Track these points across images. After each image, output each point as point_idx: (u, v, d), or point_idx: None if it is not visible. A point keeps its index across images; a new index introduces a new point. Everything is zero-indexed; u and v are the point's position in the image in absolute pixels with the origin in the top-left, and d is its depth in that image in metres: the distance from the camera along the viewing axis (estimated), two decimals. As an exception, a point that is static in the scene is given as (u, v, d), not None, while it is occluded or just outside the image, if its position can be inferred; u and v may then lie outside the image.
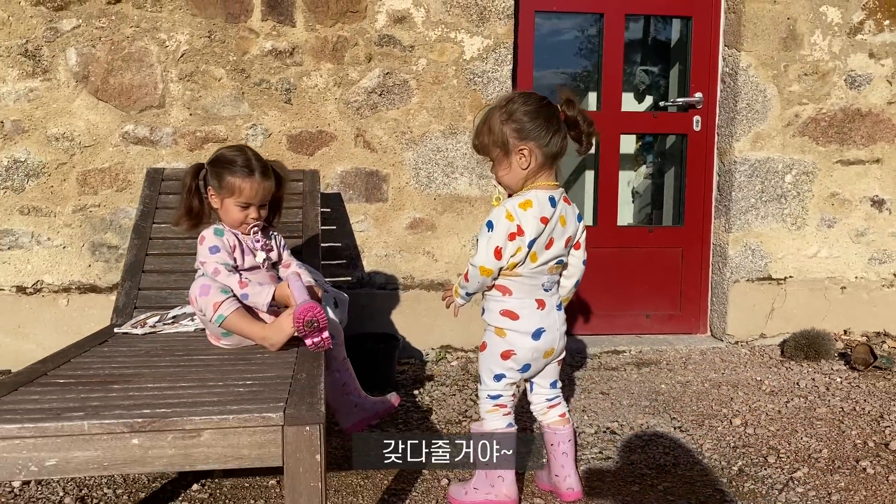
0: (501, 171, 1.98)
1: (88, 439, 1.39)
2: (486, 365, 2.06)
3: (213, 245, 2.17)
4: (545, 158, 1.94)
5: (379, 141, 3.65)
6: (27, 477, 1.37)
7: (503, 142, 1.94)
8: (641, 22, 5.20)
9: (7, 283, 3.45)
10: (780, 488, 2.16)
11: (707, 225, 4.13)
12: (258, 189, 2.16)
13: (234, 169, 2.15)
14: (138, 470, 1.41)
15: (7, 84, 3.37)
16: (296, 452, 1.44)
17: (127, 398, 1.60)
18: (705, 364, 3.61)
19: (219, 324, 2.07)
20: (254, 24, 3.52)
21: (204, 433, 1.42)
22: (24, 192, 3.43)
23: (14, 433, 1.36)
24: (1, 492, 2.12)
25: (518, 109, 1.93)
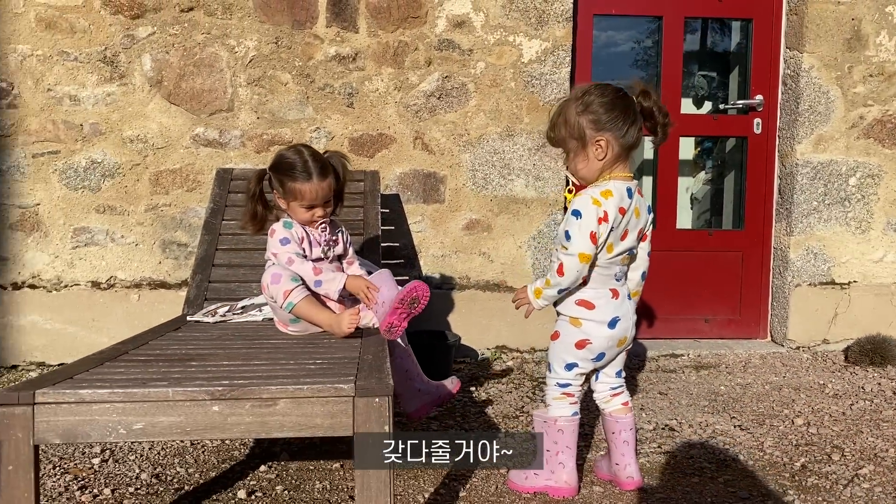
0: (579, 164, 1.99)
1: (172, 405, 1.47)
2: (558, 354, 2.07)
3: (283, 237, 2.25)
4: (621, 150, 1.95)
5: (437, 143, 3.72)
6: (117, 439, 1.46)
7: (580, 133, 1.94)
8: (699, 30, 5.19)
9: (83, 278, 3.61)
10: (845, 484, 2.13)
11: (768, 228, 4.08)
12: (318, 190, 2.23)
13: (293, 174, 2.22)
14: (218, 436, 1.49)
15: (87, 89, 3.55)
16: (366, 422, 1.50)
17: (205, 372, 1.68)
18: (765, 368, 3.56)
19: (289, 310, 2.15)
20: (319, 31, 3.63)
21: (279, 402, 1.49)
22: (100, 192, 3.60)
23: (105, 397, 1.45)
24: (82, 467, 2.23)
25: (595, 101, 1.94)
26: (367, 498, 1.50)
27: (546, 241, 3.78)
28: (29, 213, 3.57)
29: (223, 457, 2.34)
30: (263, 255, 3.00)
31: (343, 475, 2.20)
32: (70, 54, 3.53)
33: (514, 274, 3.78)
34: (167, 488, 2.10)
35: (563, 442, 2.05)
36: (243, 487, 2.09)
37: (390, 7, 3.63)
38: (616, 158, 1.96)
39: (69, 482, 2.12)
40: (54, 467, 2.23)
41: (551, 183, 3.77)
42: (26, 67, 3.51)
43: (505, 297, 3.79)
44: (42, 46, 3.51)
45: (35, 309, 3.58)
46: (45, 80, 3.53)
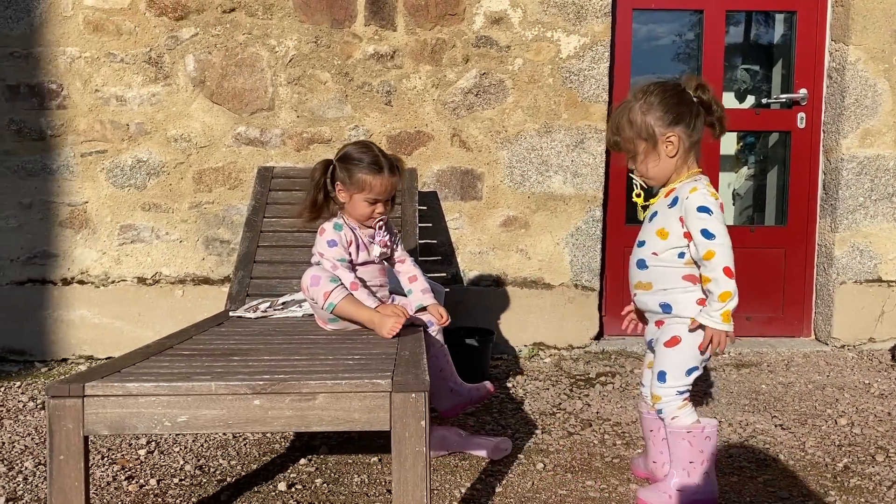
0: (651, 164, 1.93)
1: (215, 399, 1.51)
2: (678, 361, 1.95)
3: (331, 239, 2.28)
4: (691, 144, 1.92)
5: (474, 140, 3.73)
6: (162, 431, 1.50)
7: (649, 133, 1.90)
8: (742, 23, 5.10)
9: (129, 274, 3.71)
10: (889, 485, 2.09)
11: (812, 225, 4.01)
12: (387, 185, 2.25)
13: (363, 166, 2.24)
14: (259, 429, 1.52)
15: (132, 89, 3.64)
16: (402, 417, 1.52)
17: (247, 366, 1.72)
18: (809, 367, 3.50)
19: (330, 311, 2.20)
20: (357, 30, 3.67)
21: (319, 396, 1.52)
22: (145, 190, 3.68)
23: (151, 391, 1.50)
24: (129, 458, 2.30)
25: (658, 98, 1.90)
26: (403, 492, 1.52)
27: (584, 237, 3.77)
28: (78, 210, 3.67)
29: (264, 450, 2.39)
30: (303, 253, 3.07)
31: (381, 469, 2.23)
32: (116, 56, 3.62)
33: (551, 271, 3.78)
34: (210, 479, 2.15)
35: (708, 450, 1.93)
36: (283, 480, 2.13)
37: (428, 5, 3.65)
38: (686, 154, 1.93)
39: (116, 472, 2.18)
40: (102, 458, 2.30)
41: (589, 179, 3.75)
42: (75, 69, 3.61)
43: (543, 294, 3.80)
44: (90, 48, 3.61)
45: (84, 304, 3.68)
46: (92, 81, 3.62)
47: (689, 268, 1.93)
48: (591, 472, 2.23)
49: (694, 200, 1.87)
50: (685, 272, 1.93)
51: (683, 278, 1.94)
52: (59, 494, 1.48)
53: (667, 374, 1.97)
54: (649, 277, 1.98)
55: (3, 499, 2.00)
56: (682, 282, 1.94)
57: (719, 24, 3.94)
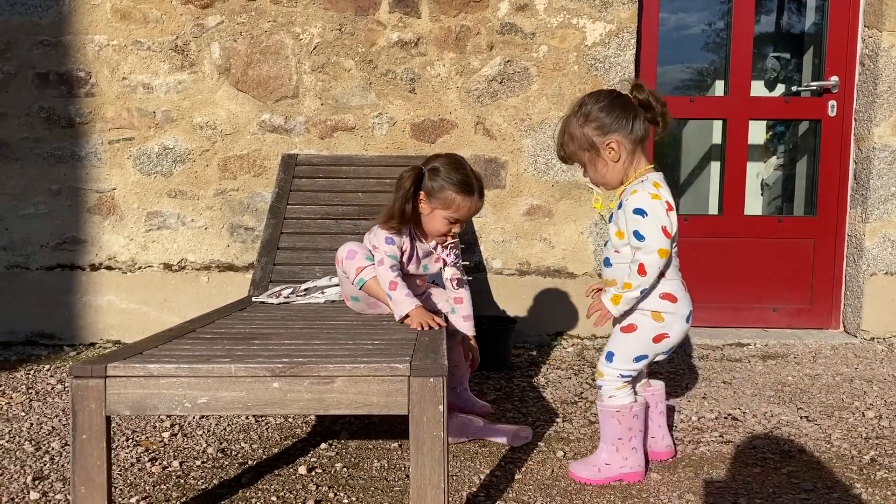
0: (600, 171, 2.03)
1: (235, 381, 1.52)
2: (629, 347, 2.03)
3: (389, 236, 2.25)
4: (633, 144, 1.99)
5: (498, 128, 3.71)
6: (182, 412, 1.52)
7: (590, 143, 1.99)
8: (773, 11, 5.02)
9: (156, 260, 3.75)
10: (917, 478, 2.06)
11: (842, 215, 3.93)
12: (473, 208, 2.22)
13: (454, 183, 2.18)
14: (277, 411, 1.53)
15: (159, 77, 3.67)
16: (420, 402, 1.52)
17: (267, 350, 1.74)
18: (836, 359, 3.45)
19: (360, 286, 2.25)
20: (381, 17, 3.66)
21: (337, 380, 1.53)
22: (171, 177, 3.72)
23: (172, 372, 1.52)
24: (152, 440, 2.33)
25: (591, 109, 1.99)
26: (421, 476, 1.53)
27: (608, 226, 3.73)
28: (105, 197, 3.72)
29: (286, 434, 2.41)
30: (326, 239, 3.09)
31: (401, 454, 2.23)
32: (143, 44, 3.65)
33: (575, 260, 3.75)
34: (232, 462, 2.17)
35: (636, 427, 2.06)
36: (304, 464, 2.14)
37: (452, -8, 3.63)
38: (632, 154, 2.00)
39: (140, 454, 2.21)
40: (127, 439, 2.33)
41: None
42: (103, 57, 3.65)
43: (566, 284, 3.77)
44: (117, 36, 3.64)
45: (111, 289, 3.73)
46: (120, 69, 3.66)
47: None
48: (612, 460, 2.21)
49: (631, 203, 1.96)
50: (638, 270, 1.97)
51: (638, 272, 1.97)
52: (82, 473, 1.51)
53: (615, 355, 2.06)
54: (614, 274, 2.06)
55: (30, 477, 2.03)
56: None
57: (748, 11, 3.87)
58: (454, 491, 1.98)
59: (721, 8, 4.54)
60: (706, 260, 3.96)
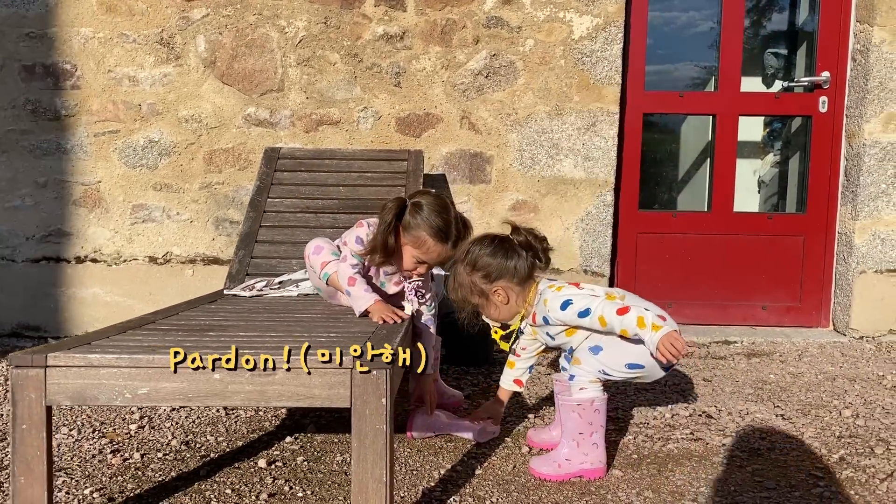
0: (492, 313, 2.16)
1: (175, 372, 1.51)
2: (627, 352, 2.03)
3: (359, 237, 2.24)
4: (520, 284, 2.11)
5: (484, 123, 3.69)
6: (123, 403, 1.51)
7: (479, 290, 2.11)
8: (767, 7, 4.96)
9: (141, 253, 3.76)
10: (883, 478, 2.02)
11: (832, 212, 3.89)
12: (442, 254, 2.19)
13: (432, 227, 2.14)
14: (218, 403, 1.52)
15: (145, 70, 3.67)
16: (363, 394, 1.51)
17: (218, 342, 1.73)
18: (823, 357, 3.40)
19: (325, 280, 2.28)
20: (367, 10, 3.65)
21: (278, 372, 1.51)
22: (157, 170, 3.72)
23: (112, 362, 1.51)
24: (119, 432, 2.33)
25: (476, 259, 2.10)
26: (363, 470, 1.51)
27: (595, 222, 3.71)
28: (91, 190, 3.72)
29: (254, 427, 2.40)
30: (305, 233, 3.08)
31: (364, 449, 2.22)
32: (129, 36, 3.65)
33: (561, 255, 3.72)
34: (194, 455, 2.17)
35: (597, 422, 2.05)
36: (266, 457, 2.13)
37: (438, -15, 3.61)
38: (521, 293, 2.12)
39: (104, 445, 2.21)
40: (94, 431, 2.33)
41: (601, 163, 3.69)
42: (88, 49, 3.65)
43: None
44: (103, 29, 3.64)
45: (96, 282, 3.74)
46: (105, 61, 3.66)
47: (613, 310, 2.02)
48: (577, 457, 2.19)
49: (553, 308, 2.05)
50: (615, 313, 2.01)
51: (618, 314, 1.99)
52: (22, 463, 1.50)
53: (603, 350, 2.05)
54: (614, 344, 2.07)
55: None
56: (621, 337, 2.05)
57: (738, 6, 3.82)
58: (411, 486, 1.96)
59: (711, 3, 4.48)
60: (695, 256, 3.92)
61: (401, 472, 2.06)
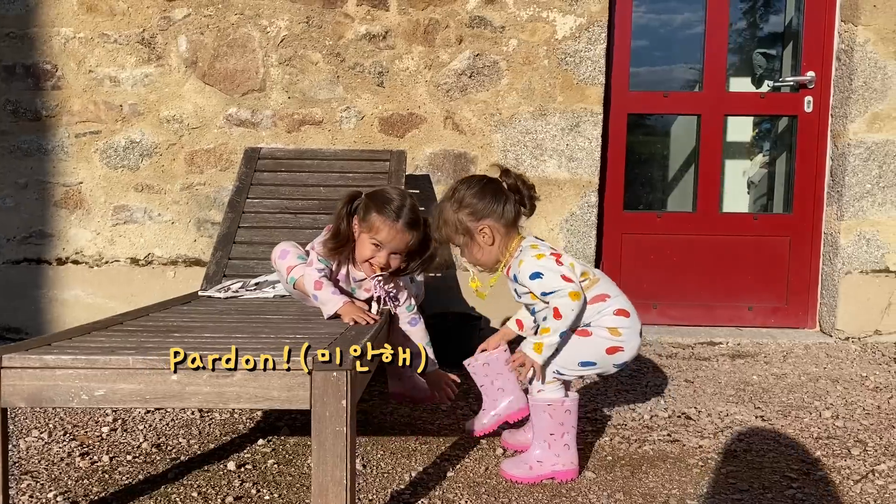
0: (475, 253, 2.09)
1: (133, 373, 1.49)
2: (579, 351, 2.03)
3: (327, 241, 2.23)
4: (506, 227, 2.06)
5: (468, 123, 3.67)
6: (79, 404, 1.49)
7: (464, 228, 2.06)
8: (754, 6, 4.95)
9: (123, 254, 3.73)
10: (857, 479, 2.00)
11: (818, 213, 3.87)
12: (395, 236, 2.14)
13: (382, 208, 2.14)
14: (176, 404, 1.50)
15: (126, 70, 3.65)
16: (322, 396, 1.49)
17: (181, 343, 1.70)
18: (807, 358, 3.39)
19: (292, 284, 2.26)
20: (349, 9, 3.63)
21: (237, 374, 1.49)
22: (138, 171, 3.70)
23: (69, 363, 1.49)
24: (90, 435, 2.30)
25: (464, 196, 2.06)
26: (323, 472, 1.49)
27: (579, 223, 3.69)
28: (72, 191, 3.70)
29: (227, 430, 2.38)
30: (284, 234, 3.05)
31: (337, 451, 2.19)
32: (110, 36, 3.63)
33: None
34: (163, 458, 2.14)
35: (569, 423, 2.04)
36: (235, 460, 2.11)
37: (421, -16, 3.59)
38: (505, 236, 2.07)
39: (74, 448, 2.19)
40: (65, 434, 2.31)
41: (585, 164, 3.67)
42: (69, 50, 3.63)
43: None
44: (84, 29, 3.62)
45: (78, 284, 3.71)
46: (86, 61, 3.64)
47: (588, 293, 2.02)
48: (551, 459, 2.17)
49: (524, 272, 2.01)
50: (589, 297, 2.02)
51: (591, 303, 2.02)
52: (-24, 466, 1.48)
53: (561, 356, 2.03)
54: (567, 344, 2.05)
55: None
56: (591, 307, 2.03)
57: (722, 7, 3.81)
58: (380, 488, 1.94)
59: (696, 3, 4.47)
60: (680, 257, 3.90)
61: (371, 474, 2.04)
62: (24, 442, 2.23)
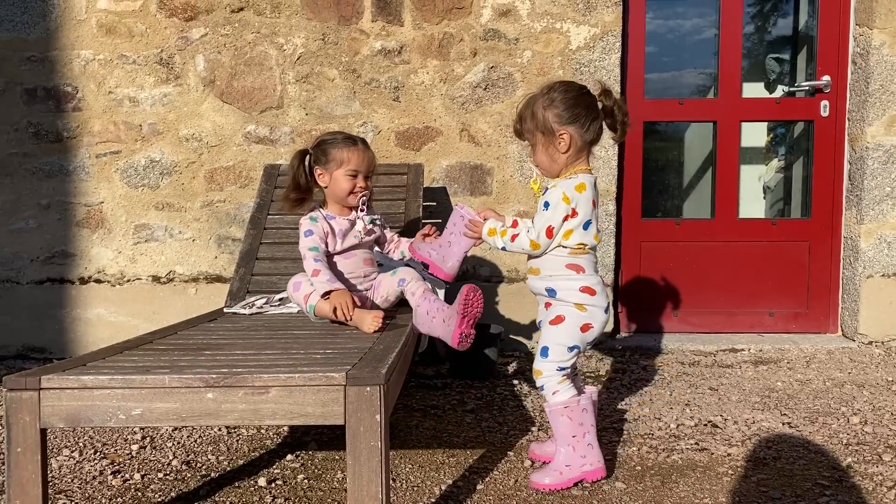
0: (543, 156, 2.07)
1: (169, 392, 1.51)
2: (560, 338, 2.06)
3: (307, 229, 2.37)
4: (583, 144, 2.04)
5: (483, 135, 3.68)
6: (117, 424, 1.50)
7: (546, 127, 2.02)
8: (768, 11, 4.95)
9: (144, 272, 3.76)
10: (891, 486, 1.99)
11: (837, 217, 3.86)
12: (363, 157, 2.35)
13: (337, 143, 2.35)
14: (212, 422, 1.51)
15: (145, 90, 3.69)
16: (357, 412, 1.50)
17: (213, 361, 1.72)
18: (831, 364, 3.37)
19: (312, 313, 2.27)
20: (364, 26, 3.66)
21: (272, 390, 1.51)
22: (158, 190, 3.73)
23: (106, 383, 1.50)
24: (120, 453, 2.32)
25: (559, 97, 2.02)
26: (358, 487, 1.50)
27: (597, 232, 3.68)
28: (94, 210, 3.74)
29: (255, 445, 2.39)
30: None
31: (366, 465, 2.20)
32: (129, 57, 3.68)
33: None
34: (194, 475, 2.16)
35: (588, 421, 2.06)
36: (266, 475, 2.12)
37: (435, -1, 3.62)
38: (578, 152, 2.05)
39: (105, 466, 2.21)
40: (95, 452, 2.33)
41: (602, 173, 3.67)
42: (89, 71, 3.68)
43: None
44: (103, 51, 3.67)
45: (101, 302, 3.75)
46: (106, 83, 3.69)
47: (571, 257, 2.04)
48: (580, 470, 2.17)
49: (547, 194, 2.02)
50: (568, 261, 2.04)
51: (566, 266, 2.05)
52: (17, 486, 1.50)
53: (549, 349, 2.07)
54: (538, 263, 2.10)
55: (-9, 491, 2.03)
56: (565, 269, 2.05)
57: (737, 11, 3.82)
58: (411, 502, 1.94)
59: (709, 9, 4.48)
60: (699, 264, 3.90)
61: (401, 488, 2.04)
62: (55, 461, 2.25)
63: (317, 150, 2.39)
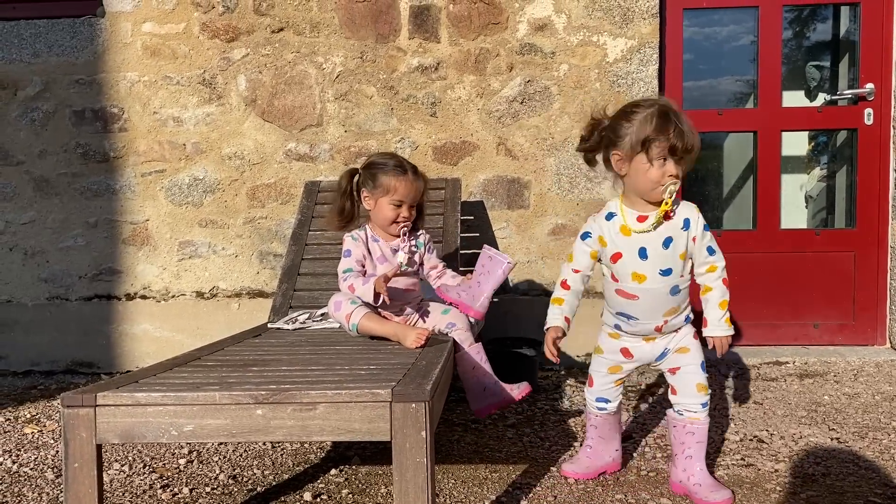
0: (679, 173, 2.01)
1: (219, 408, 1.54)
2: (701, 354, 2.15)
3: (346, 249, 2.41)
4: None
5: (520, 148, 3.69)
6: (169, 440, 1.54)
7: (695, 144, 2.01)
8: (807, 19, 4.89)
9: (188, 288, 3.84)
10: (947, 504, 1.94)
11: (884, 226, 3.78)
12: (410, 188, 2.34)
13: (387, 169, 2.34)
14: (261, 438, 1.54)
15: (188, 110, 3.78)
16: (403, 428, 1.51)
17: (260, 377, 1.75)
18: (880, 377, 3.30)
19: (355, 331, 2.28)
20: (401, 43, 3.70)
21: (319, 406, 1.53)
22: (202, 207, 3.81)
23: (158, 400, 1.54)
24: (168, 467, 2.37)
25: None
26: (404, 503, 1.51)
27: (636, 244, 3.66)
28: (139, 228, 3.83)
29: (299, 460, 2.42)
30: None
31: (409, 480, 2.21)
32: (173, 78, 3.77)
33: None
34: (241, 489, 2.19)
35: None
36: (311, 490, 2.15)
37: (471, 15, 3.65)
38: None
39: (154, 481, 2.25)
40: (144, 466, 2.38)
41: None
42: (134, 93, 3.78)
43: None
44: (148, 72, 3.77)
45: (146, 318, 3.83)
46: (151, 103, 3.78)
47: None
48: (624, 485, 2.15)
49: (701, 221, 2.03)
50: None
51: None
52: (74, 500, 1.54)
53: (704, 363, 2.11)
54: (679, 300, 2.07)
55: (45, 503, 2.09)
56: None
57: (775, 21, 3.79)
58: (456, 517, 1.95)
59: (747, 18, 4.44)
60: (742, 275, 3.84)
61: (445, 503, 2.05)
62: (107, 475, 2.30)
63: (366, 172, 2.39)
